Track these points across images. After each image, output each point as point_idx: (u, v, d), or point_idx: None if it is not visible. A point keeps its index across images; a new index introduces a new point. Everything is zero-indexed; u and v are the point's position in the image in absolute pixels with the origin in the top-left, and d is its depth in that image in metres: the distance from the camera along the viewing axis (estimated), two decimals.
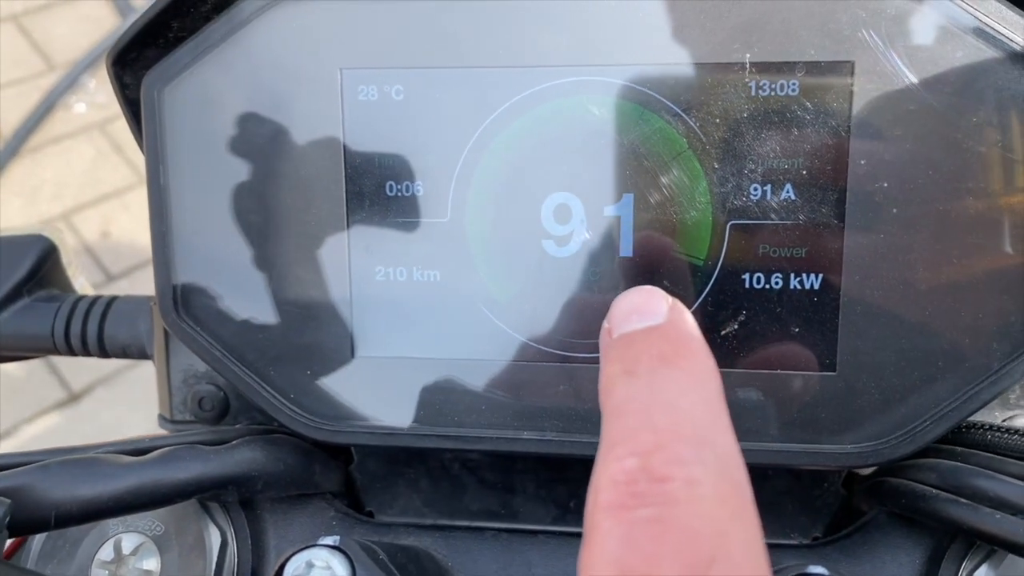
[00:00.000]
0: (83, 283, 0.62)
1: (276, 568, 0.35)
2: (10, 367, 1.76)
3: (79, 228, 1.98)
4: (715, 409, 0.28)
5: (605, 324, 0.32)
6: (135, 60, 0.42)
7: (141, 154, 0.43)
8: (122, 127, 2.11)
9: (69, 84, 2.17)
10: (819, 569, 0.38)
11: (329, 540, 0.36)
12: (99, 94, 2.19)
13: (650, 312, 0.31)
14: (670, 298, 0.32)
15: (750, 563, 0.24)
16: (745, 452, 0.40)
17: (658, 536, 0.24)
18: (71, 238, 1.92)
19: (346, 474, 0.48)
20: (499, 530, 0.45)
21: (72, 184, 2.06)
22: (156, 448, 0.40)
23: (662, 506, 0.24)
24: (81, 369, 1.78)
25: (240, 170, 0.42)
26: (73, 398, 1.77)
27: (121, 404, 1.77)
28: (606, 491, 0.25)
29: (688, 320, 0.32)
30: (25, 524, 0.35)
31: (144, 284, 1.90)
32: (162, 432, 0.52)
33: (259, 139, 0.41)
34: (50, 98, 2.15)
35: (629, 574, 0.23)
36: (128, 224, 2.02)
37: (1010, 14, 0.36)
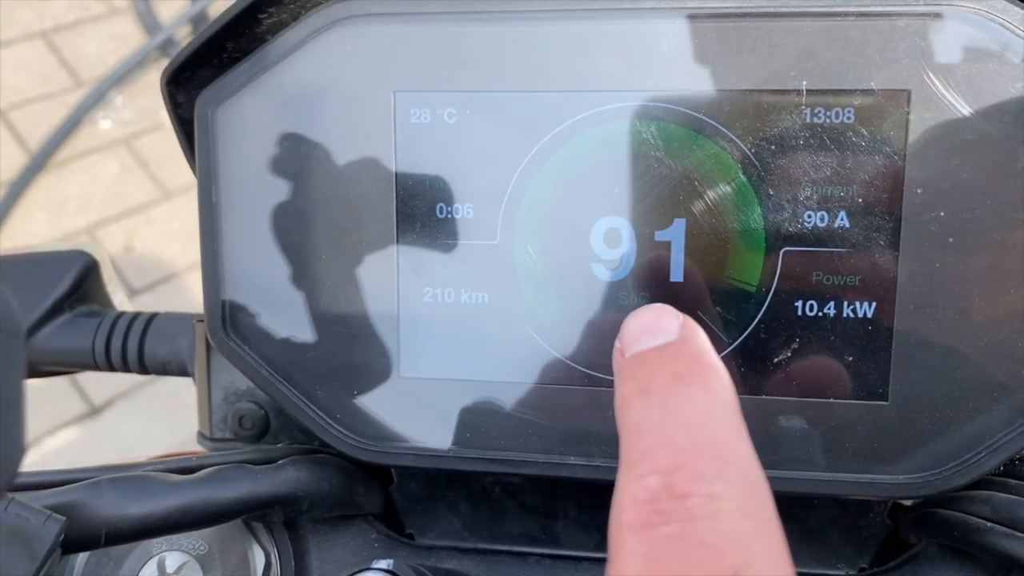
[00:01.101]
0: (122, 299, 0.62)
1: None
2: (32, 380, 1.77)
3: (103, 242, 1.99)
4: (733, 424, 0.28)
5: (617, 344, 0.32)
6: (189, 79, 0.43)
7: (165, 170, 0.43)
8: (148, 143, 2.13)
9: (96, 100, 2.19)
10: None
11: (383, 564, 0.35)
12: (125, 110, 2.21)
13: (661, 330, 0.31)
14: (681, 315, 0.32)
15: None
16: (794, 481, 0.40)
17: (682, 553, 0.24)
18: (101, 255, 1.94)
19: (386, 495, 0.48)
20: (542, 555, 0.45)
21: (97, 199, 2.08)
22: (203, 467, 0.39)
23: (685, 523, 0.24)
24: (102, 383, 1.79)
25: (291, 190, 0.42)
26: (94, 411, 1.78)
27: (142, 419, 1.78)
28: (628, 510, 0.25)
29: (700, 336, 0.31)
30: (77, 542, 0.35)
31: (167, 299, 1.91)
32: (192, 448, 0.52)
33: (311, 160, 0.41)
34: (77, 114, 2.17)
35: None
36: (152, 239, 2.03)
37: None
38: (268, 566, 0.41)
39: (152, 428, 1.76)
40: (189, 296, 1.95)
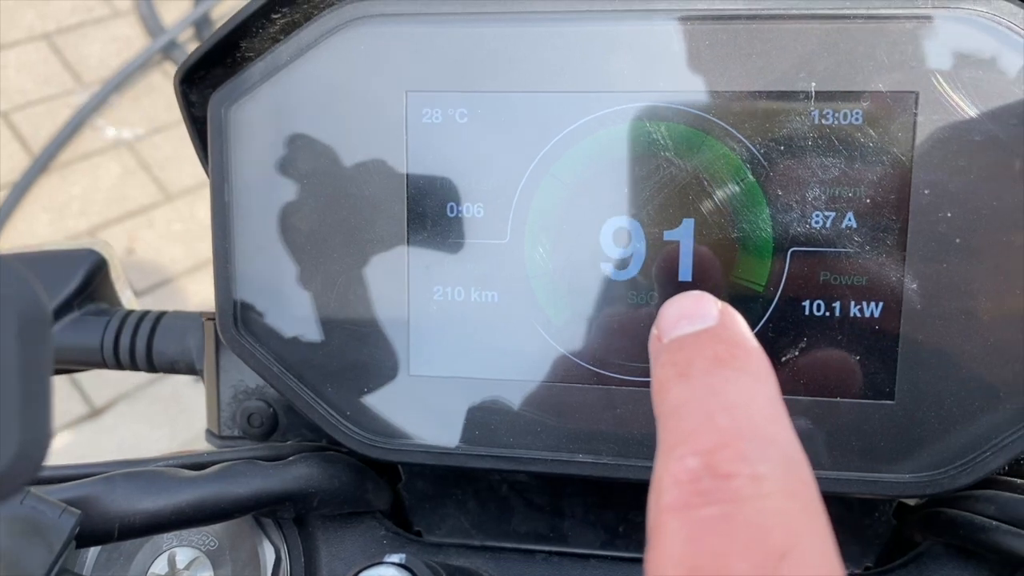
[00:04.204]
0: (130, 297, 0.62)
1: None
2: None
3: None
4: (775, 407, 0.28)
5: (654, 331, 0.32)
6: (202, 79, 0.43)
7: (167, 172, 0.44)
8: (150, 145, 2.13)
9: (99, 102, 2.20)
10: None
11: (396, 558, 0.36)
12: (128, 112, 2.21)
13: (700, 315, 0.31)
14: (719, 301, 0.32)
15: (822, 558, 0.24)
16: None
17: (726, 534, 0.23)
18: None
19: (394, 493, 0.48)
20: (549, 553, 0.45)
21: (99, 201, 2.08)
22: (214, 463, 0.40)
23: (728, 503, 0.24)
24: (103, 384, 1.79)
25: (303, 189, 0.42)
26: (95, 412, 1.78)
27: (143, 420, 1.78)
28: (669, 491, 0.25)
29: (740, 322, 0.31)
30: (91, 535, 0.35)
31: (168, 300, 1.91)
32: (197, 448, 0.53)
33: (322, 159, 0.42)
34: (79, 116, 2.17)
35: (697, 573, 0.23)
36: (153, 241, 2.04)
37: None
38: (278, 562, 0.42)
39: (153, 430, 1.77)
40: (190, 298, 1.95)
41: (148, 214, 2.07)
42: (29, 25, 2.31)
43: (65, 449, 1.74)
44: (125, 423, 1.79)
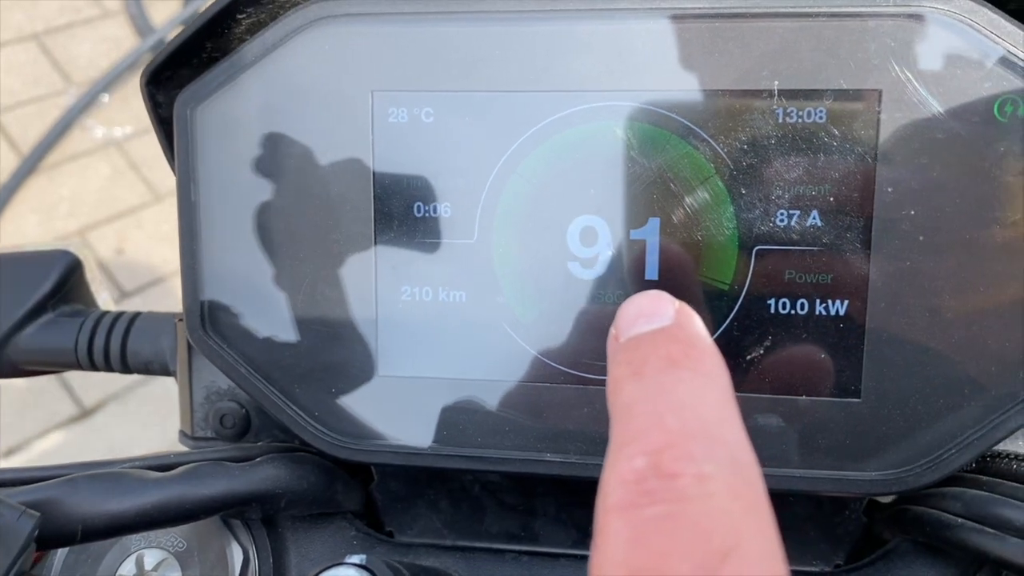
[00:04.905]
0: (106, 298, 0.62)
1: None
2: (22, 382, 1.77)
3: (94, 245, 1.99)
4: (726, 408, 0.28)
5: (612, 330, 0.32)
6: (169, 79, 0.43)
7: (156, 173, 0.43)
8: (138, 145, 2.13)
9: (88, 103, 2.19)
10: None
11: (356, 559, 0.36)
12: (117, 113, 2.21)
13: (657, 315, 0.31)
14: (677, 301, 0.32)
15: (765, 558, 0.23)
16: (767, 478, 0.40)
17: (669, 533, 0.23)
18: (86, 255, 1.94)
19: (366, 494, 0.48)
20: (520, 552, 0.45)
21: (88, 201, 2.08)
22: (181, 464, 0.40)
23: (672, 503, 0.24)
24: (93, 385, 1.79)
25: (269, 189, 0.42)
26: (85, 414, 1.77)
27: (133, 421, 1.78)
28: (615, 491, 0.25)
29: (696, 322, 0.31)
30: (52, 538, 0.35)
31: (157, 301, 1.91)
32: (183, 448, 0.52)
33: (289, 159, 0.42)
34: (68, 116, 2.17)
35: (639, 574, 0.23)
36: (142, 242, 2.03)
37: None
38: (246, 563, 0.41)
39: (143, 431, 1.76)
40: (179, 299, 1.95)
41: (137, 215, 2.07)
42: (18, 25, 2.31)
43: (55, 450, 1.73)
44: (116, 424, 1.78)
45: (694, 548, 0.23)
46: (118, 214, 2.06)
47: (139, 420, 1.78)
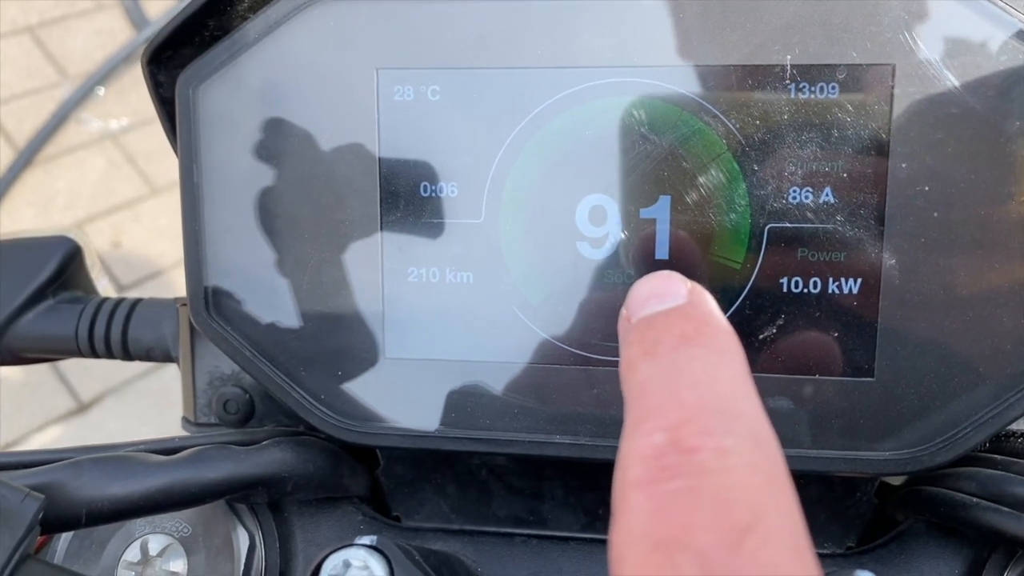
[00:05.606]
0: (106, 285, 0.61)
1: (313, 567, 0.34)
2: (19, 375, 1.76)
3: (90, 238, 1.98)
4: (742, 383, 0.27)
5: (623, 311, 0.32)
6: (170, 59, 0.42)
7: (153, 166, 0.43)
8: (134, 138, 2.12)
9: (83, 95, 2.18)
10: (867, 574, 0.37)
11: (366, 540, 0.35)
12: (113, 105, 2.20)
13: (669, 294, 0.31)
14: (689, 281, 0.32)
15: (787, 531, 0.23)
16: None
17: (690, 506, 0.23)
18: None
19: (372, 478, 0.47)
20: (529, 536, 0.44)
21: (84, 195, 2.07)
22: (186, 448, 0.39)
23: (693, 476, 0.23)
24: (90, 379, 1.78)
25: (273, 170, 0.41)
26: (82, 408, 1.77)
27: (130, 415, 1.77)
28: (634, 467, 0.25)
29: (708, 300, 0.31)
30: (56, 521, 0.34)
31: (154, 294, 1.89)
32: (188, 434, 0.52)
33: (293, 138, 0.41)
34: (64, 109, 2.16)
35: (662, 547, 0.22)
36: (139, 235, 2.02)
37: None
38: (252, 548, 0.41)
39: (141, 425, 1.75)
40: (177, 292, 1.93)
41: (134, 208, 2.06)
42: (12, 18, 2.29)
43: (52, 444, 1.72)
44: (113, 418, 1.78)
45: (716, 520, 0.22)
46: (115, 207, 2.05)
47: (136, 414, 1.78)
